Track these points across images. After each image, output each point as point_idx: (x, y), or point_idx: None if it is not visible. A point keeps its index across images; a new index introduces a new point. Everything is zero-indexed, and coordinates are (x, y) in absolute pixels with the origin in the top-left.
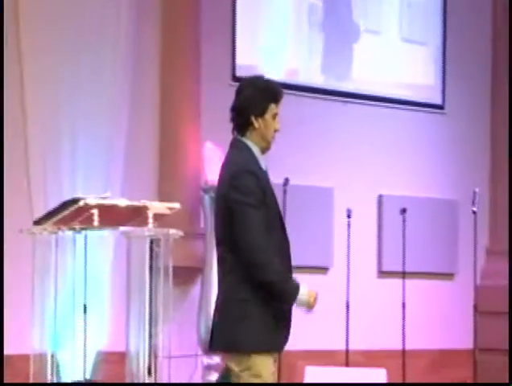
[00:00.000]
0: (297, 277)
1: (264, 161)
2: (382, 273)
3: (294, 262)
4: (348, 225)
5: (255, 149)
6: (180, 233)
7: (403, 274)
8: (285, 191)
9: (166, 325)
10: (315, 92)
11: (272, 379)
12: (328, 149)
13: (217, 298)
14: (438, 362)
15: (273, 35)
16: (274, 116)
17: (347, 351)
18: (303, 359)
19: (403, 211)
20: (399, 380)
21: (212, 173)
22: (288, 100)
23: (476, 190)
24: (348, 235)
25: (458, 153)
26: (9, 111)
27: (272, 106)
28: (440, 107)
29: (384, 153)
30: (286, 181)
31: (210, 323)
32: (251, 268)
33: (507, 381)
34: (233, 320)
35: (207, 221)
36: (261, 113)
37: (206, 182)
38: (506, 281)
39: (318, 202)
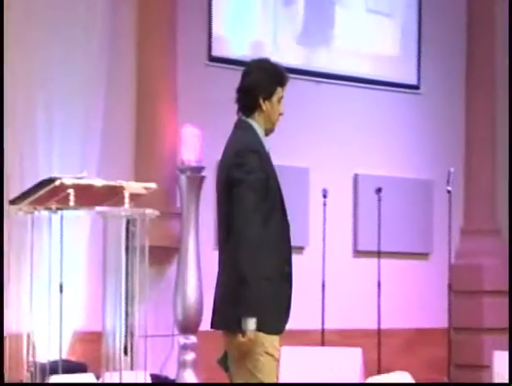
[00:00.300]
0: None
1: (267, 143)
2: (358, 253)
3: None
4: (324, 205)
5: (259, 131)
6: (156, 213)
7: (379, 254)
8: None
9: (142, 304)
10: (289, 72)
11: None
12: (303, 130)
13: (221, 276)
14: (413, 341)
15: (247, 15)
16: (280, 99)
17: (322, 331)
18: (280, 339)
19: (379, 190)
20: (374, 359)
21: (188, 153)
22: None
23: (451, 170)
24: (324, 214)
25: (433, 133)
26: None
27: (279, 89)
28: (416, 87)
29: (359, 133)
30: None
31: (187, 303)
32: (235, 253)
33: (481, 360)
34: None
35: (183, 201)
36: (268, 96)
37: (182, 163)
38: (480, 260)
39: (293, 182)
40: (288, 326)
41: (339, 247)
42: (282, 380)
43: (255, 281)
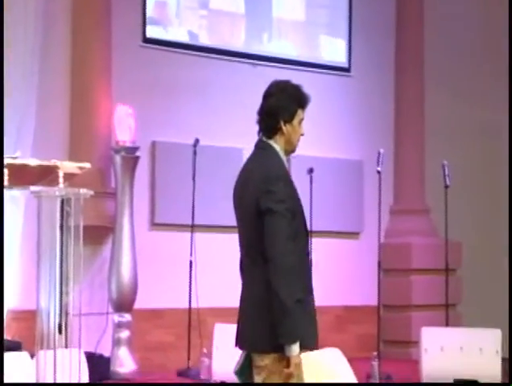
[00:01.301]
0: (208, 235)
1: (286, 163)
2: None
3: (204, 222)
4: None
5: (280, 152)
6: (91, 193)
7: (311, 233)
8: (195, 152)
9: (76, 283)
10: (225, 54)
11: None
12: (237, 111)
13: (248, 299)
14: (343, 318)
15: None
16: (301, 121)
17: None
18: (213, 317)
19: (310, 170)
20: None
21: (122, 133)
22: (199, 61)
23: (381, 150)
24: None
25: (364, 114)
26: None
27: (299, 112)
28: (347, 70)
29: None
30: (197, 142)
31: (121, 281)
32: (274, 282)
33: (409, 336)
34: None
35: (117, 181)
36: (289, 119)
37: (117, 143)
38: (409, 239)
39: (228, 162)
40: (222, 304)
41: None
42: (215, 357)
43: (294, 308)
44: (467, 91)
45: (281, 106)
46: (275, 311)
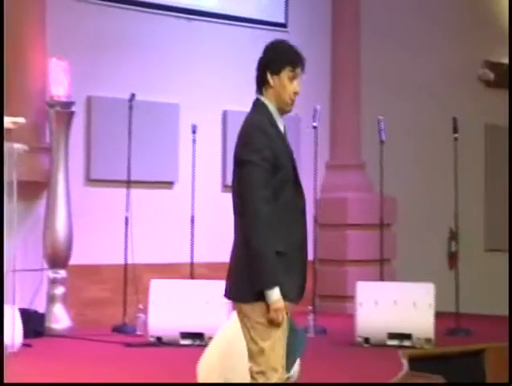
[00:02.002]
0: (145, 191)
1: (282, 121)
2: (227, 187)
3: (140, 178)
4: (194, 141)
5: (271, 108)
6: (25, 148)
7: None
8: (131, 107)
9: (11, 239)
10: (160, 9)
11: None
12: (173, 66)
13: (236, 251)
14: None
15: None
16: (291, 78)
17: (192, 264)
18: (149, 273)
19: None
20: None
21: (56, 87)
22: (134, 16)
23: (318, 106)
24: (194, 150)
25: None
26: None
27: (288, 68)
28: (283, 25)
29: (228, 70)
30: (132, 96)
31: (56, 238)
32: (247, 230)
33: (344, 291)
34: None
35: (52, 136)
36: (276, 71)
37: (52, 97)
38: (345, 195)
39: (164, 118)
40: (158, 260)
41: (208, 182)
42: (151, 313)
43: (269, 255)
44: (403, 46)
45: (269, 59)
46: (250, 259)
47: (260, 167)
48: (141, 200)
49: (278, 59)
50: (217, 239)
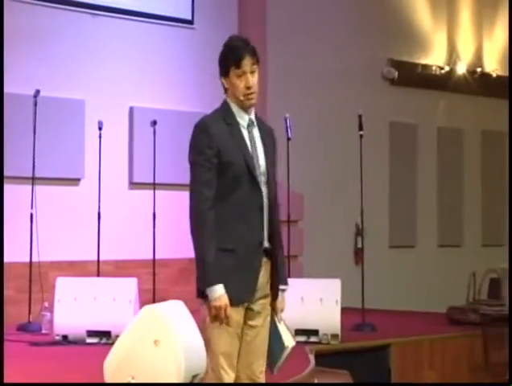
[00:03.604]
0: (50, 188)
1: (250, 117)
2: (133, 185)
3: (45, 175)
4: (100, 137)
5: (233, 105)
6: None
7: (154, 185)
8: (35, 103)
9: None
10: (65, 4)
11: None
12: (79, 62)
13: None
14: (188, 270)
15: None
16: (240, 75)
17: (98, 262)
18: (55, 270)
19: (154, 123)
20: (150, 289)
21: None
22: (37, 10)
23: None
24: (100, 147)
25: (208, 67)
26: None
27: (233, 68)
28: (190, 22)
29: (135, 66)
30: (37, 92)
31: None
32: (191, 228)
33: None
34: None
35: None
36: (225, 75)
37: None
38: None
39: (69, 114)
40: (64, 258)
41: (115, 179)
42: (57, 311)
43: (208, 255)
44: (309, 44)
45: (219, 64)
46: (195, 258)
47: (203, 168)
48: (46, 197)
49: (223, 63)
50: (124, 236)
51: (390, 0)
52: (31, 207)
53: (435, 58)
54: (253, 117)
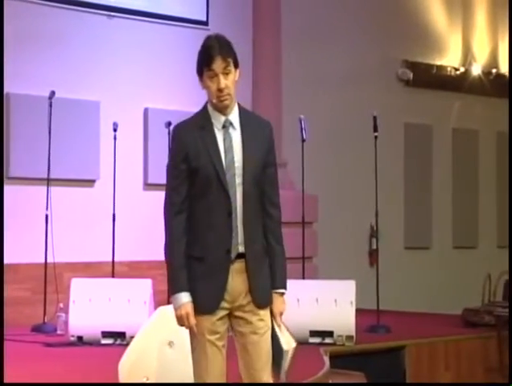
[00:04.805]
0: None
1: (221, 117)
2: (148, 186)
3: (60, 176)
4: (115, 138)
5: (210, 108)
6: None
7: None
8: (51, 104)
9: None
10: (81, 5)
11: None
12: (94, 63)
13: None
14: None
15: None
16: (212, 76)
17: (113, 263)
18: (70, 271)
19: (169, 124)
20: (165, 289)
21: None
22: (53, 12)
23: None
24: (115, 148)
25: None
26: None
27: (205, 69)
28: (205, 23)
29: (149, 68)
30: (53, 94)
31: None
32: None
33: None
34: None
35: None
36: (200, 76)
37: None
38: None
39: (84, 115)
40: (79, 259)
41: (130, 180)
42: (72, 312)
43: (174, 262)
44: (324, 45)
45: (196, 65)
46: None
47: (171, 174)
48: (62, 198)
49: (197, 65)
50: (139, 237)
51: (405, 1)
52: (46, 209)
53: (450, 59)
54: (233, 116)
